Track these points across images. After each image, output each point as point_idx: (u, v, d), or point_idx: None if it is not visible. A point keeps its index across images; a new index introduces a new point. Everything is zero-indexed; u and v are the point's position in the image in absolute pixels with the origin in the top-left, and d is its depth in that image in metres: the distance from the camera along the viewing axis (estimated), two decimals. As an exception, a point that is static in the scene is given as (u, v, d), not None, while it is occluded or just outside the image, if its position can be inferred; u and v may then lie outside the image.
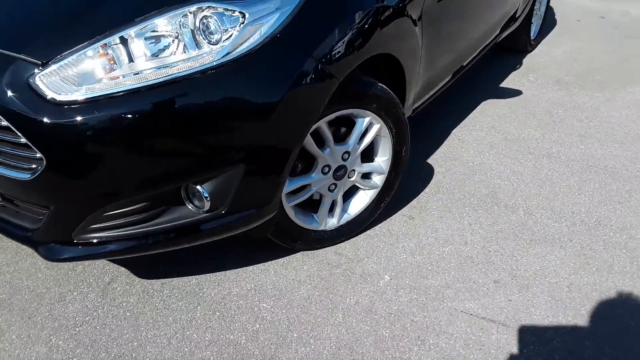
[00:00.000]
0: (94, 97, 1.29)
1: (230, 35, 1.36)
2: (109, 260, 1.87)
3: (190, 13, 1.35)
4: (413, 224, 2.08)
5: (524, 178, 2.36)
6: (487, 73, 3.40)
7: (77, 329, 1.63)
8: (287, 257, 1.91)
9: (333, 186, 1.86)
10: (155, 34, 1.34)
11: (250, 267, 1.86)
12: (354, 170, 1.88)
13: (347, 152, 1.80)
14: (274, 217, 1.65)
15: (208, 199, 1.46)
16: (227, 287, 1.78)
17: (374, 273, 1.85)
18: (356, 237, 2.01)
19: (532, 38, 3.65)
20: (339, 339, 1.59)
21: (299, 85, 1.45)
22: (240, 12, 1.38)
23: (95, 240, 1.47)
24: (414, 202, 2.20)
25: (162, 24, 1.34)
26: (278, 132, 1.47)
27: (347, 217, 1.97)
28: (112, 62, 1.32)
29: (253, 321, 1.65)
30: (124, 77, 1.31)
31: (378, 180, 1.97)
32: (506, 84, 3.27)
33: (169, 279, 1.81)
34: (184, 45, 1.35)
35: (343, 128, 1.79)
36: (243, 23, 1.38)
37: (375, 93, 1.75)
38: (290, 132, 1.50)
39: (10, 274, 1.85)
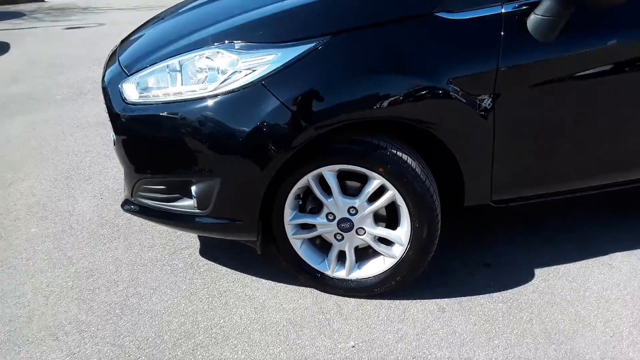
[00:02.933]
0: (144, 102, 1.85)
1: (233, 73, 1.71)
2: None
3: (212, 56, 1.77)
4: (441, 317, 1.90)
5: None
6: None
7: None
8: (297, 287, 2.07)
9: (339, 236, 1.93)
10: (190, 66, 1.81)
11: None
12: (363, 228, 1.90)
13: (354, 208, 1.86)
14: (257, 236, 1.88)
15: (195, 197, 1.83)
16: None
17: (344, 335, 1.83)
18: (364, 300, 1.99)
19: None
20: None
21: (264, 127, 1.67)
22: (242, 59, 1.71)
23: (143, 202, 2.02)
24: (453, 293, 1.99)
25: (196, 59, 1.80)
26: (244, 161, 1.72)
27: (358, 274, 1.98)
28: (159, 82, 1.85)
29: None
30: (164, 93, 1.82)
31: (397, 251, 1.91)
32: None
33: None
34: (206, 77, 1.77)
35: (358, 183, 1.86)
36: (243, 68, 1.70)
37: (381, 157, 1.75)
38: (254, 164, 1.72)
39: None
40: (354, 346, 1.78)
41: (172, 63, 1.85)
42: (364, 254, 2.00)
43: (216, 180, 1.78)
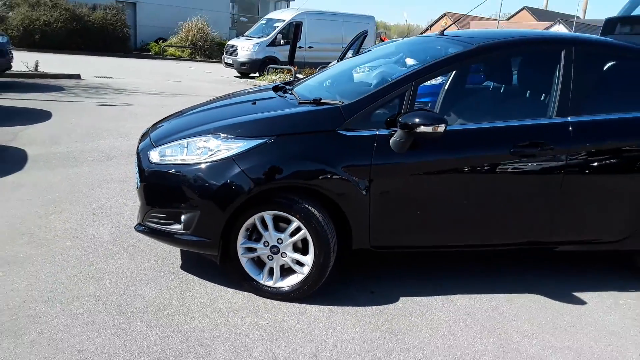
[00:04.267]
0: (162, 163, 3.03)
1: (217, 151, 2.92)
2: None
3: (206, 140, 2.98)
4: (329, 315, 2.96)
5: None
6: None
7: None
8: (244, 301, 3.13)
9: (270, 257, 3.03)
10: (193, 145, 3.02)
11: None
12: (285, 253, 3.00)
13: (281, 239, 2.98)
14: (218, 251, 2.99)
15: (182, 222, 2.97)
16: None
17: (264, 318, 2.88)
18: (286, 304, 3.04)
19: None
20: (206, 326, 2.76)
21: (229, 183, 2.85)
22: (223, 144, 2.93)
23: (150, 225, 3.13)
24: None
25: (197, 141, 3.01)
26: (215, 203, 2.86)
27: (280, 284, 3.05)
28: (173, 152, 3.05)
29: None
30: (174, 159, 3.01)
31: (306, 270, 3.00)
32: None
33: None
34: (201, 152, 2.97)
35: (285, 224, 3.00)
36: (223, 149, 2.92)
37: (298, 209, 2.89)
38: (218, 207, 2.86)
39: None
40: (268, 323, 2.82)
41: (182, 142, 3.06)
42: (286, 270, 3.09)
43: (197, 212, 2.92)
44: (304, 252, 3.02)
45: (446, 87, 4.15)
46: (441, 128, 2.85)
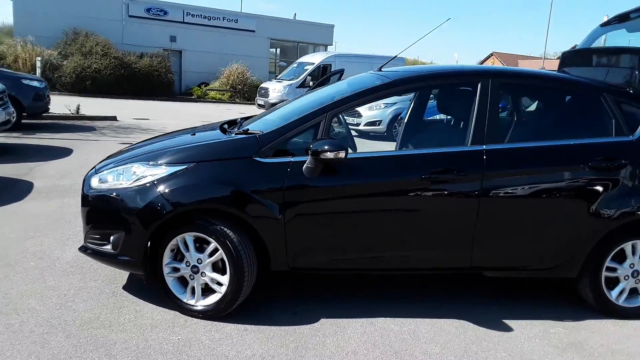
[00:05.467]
0: (99, 188, 3.32)
1: (144, 177, 3.18)
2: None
3: (135, 167, 3.25)
4: (243, 334, 3.09)
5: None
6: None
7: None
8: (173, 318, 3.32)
9: (192, 276, 3.21)
10: (128, 171, 3.29)
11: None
12: (204, 272, 3.18)
13: (200, 259, 3.17)
14: (143, 270, 3.20)
15: (111, 243, 3.21)
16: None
17: (181, 332, 3.05)
18: (205, 321, 3.20)
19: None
20: None
21: (150, 206, 3.08)
22: (148, 170, 3.19)
23: (89, 246, 3.40)
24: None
25: (130, 168, 3.29)
26: (137, 224, 3.10)
27: (202, 302, 3.21)
28: (113, 178, 3.33)
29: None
30: (110, 184, 3.29)
31: (223, 289, 3.16)
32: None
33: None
34: (133, 178, 3.24)
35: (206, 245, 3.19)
36: (148, 174, 3.18)
37: (214, 230, 3.08)
38: (139, 228, 3.09)
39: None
40: (179, 339, 2.99)
41: (119, 169, 3.35)
42: (208, 290, 3.26)
43: (122, 233, 3.17)
44: (223, 272, 3.19)
45: (405, 119, 4.37)
46: (341, 154, 3.01)
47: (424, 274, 3.54)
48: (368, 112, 12.17)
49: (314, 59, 19.04)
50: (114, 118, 13.66)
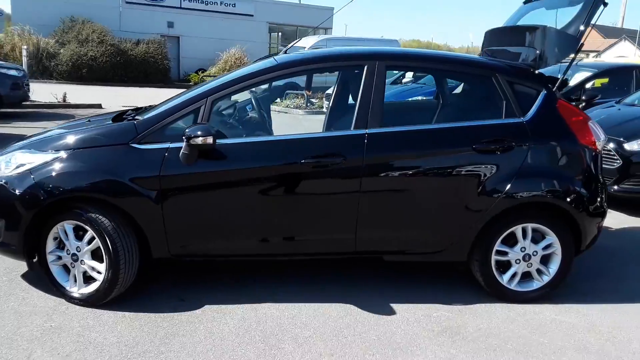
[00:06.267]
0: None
1: (23, 164, 3.20)
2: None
3: (18, 155, 3.27)
4: (122, 320, 3.13)
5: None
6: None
7: None
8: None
9: (72, 264, 3.24)
10: (12, 159, 3.31)
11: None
12: (83, 260, 3.21)
13: (79, 247, 3.20)
14: (24, 258, 3.24)
15: (1, 232, 3.25)
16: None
17: (70, 319, 3.09)
18: (87, 309, 3.24)
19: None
20: None
21: (27, 193, 3.10)
22: (26, 158, 3.21)
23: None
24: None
25: (13, 156, 3.31)
26: (14, 212, 3.12)
27: (83, 290, 3.25)
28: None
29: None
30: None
31: (102, 276, 3.19)
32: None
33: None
34: (15, 165, 3.26)
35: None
36: (27, 162, 3.20)
37: (90, 219, 3.10)
38: (17, 216, 3.11)
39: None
40: (52, 326, 3.03)
41: (7, 156, 3.36)
42: (91, 277, 3.29)
43: (2, 221, 3.21)
44: (102, 260, 3.21)
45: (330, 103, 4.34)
46: (209, 140, 3.00)
47: (313, 259, 3.53)
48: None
49: (306, 42, 18.83)
50: (99, 106, 13.77)
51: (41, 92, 14.08)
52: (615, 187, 5.51)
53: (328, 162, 3.20)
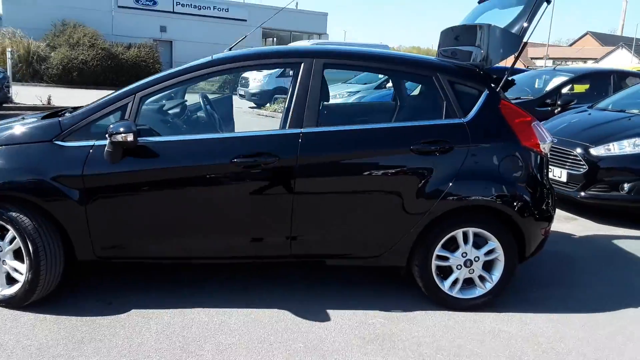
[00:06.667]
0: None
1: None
2: None
3: None
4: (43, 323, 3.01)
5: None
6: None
7: None
8: None
9: (-3, 264, 3.14)
10: None
11: None
12: (5, 260, 3.09)
13: (1, 247, 3.08)
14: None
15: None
16: None
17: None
18: (9, 311, 3.12)
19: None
20: None
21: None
22: None
23: None
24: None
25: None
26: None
27: (5, 291, 3.12)
28: None
29: None
30: None
31: (23, 277, 3.07)
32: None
33: None
34: None
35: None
36: None
37: (10, 218, 2.98)
38: None
39: None
40: (-32, 329, 2.92)
41: None
42: (13, 279, 3.17)
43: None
44: (23, 260, 3.10)
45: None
46: (130, 137, 2.90)
47: (247, 262, 3.42)
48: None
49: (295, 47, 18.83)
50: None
51: (28, 95, 14.07)
52: (582, 193, 5.39)
53: (260, 161, 3.09)
